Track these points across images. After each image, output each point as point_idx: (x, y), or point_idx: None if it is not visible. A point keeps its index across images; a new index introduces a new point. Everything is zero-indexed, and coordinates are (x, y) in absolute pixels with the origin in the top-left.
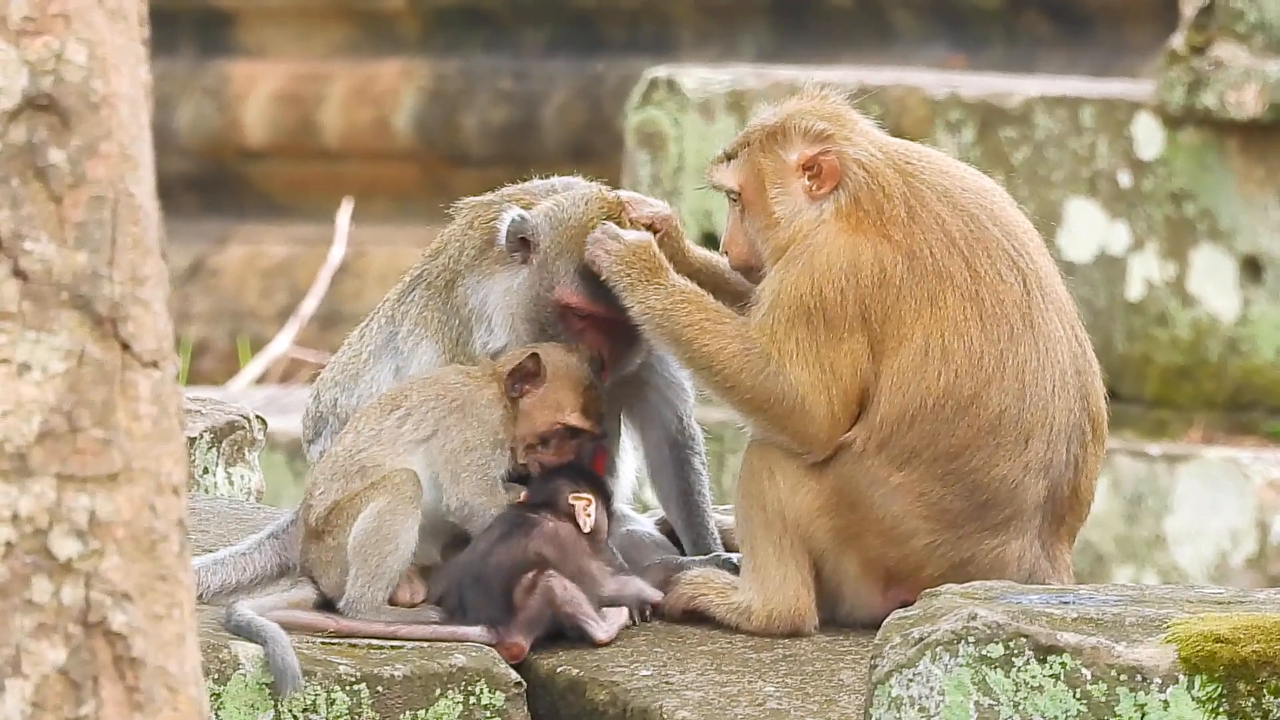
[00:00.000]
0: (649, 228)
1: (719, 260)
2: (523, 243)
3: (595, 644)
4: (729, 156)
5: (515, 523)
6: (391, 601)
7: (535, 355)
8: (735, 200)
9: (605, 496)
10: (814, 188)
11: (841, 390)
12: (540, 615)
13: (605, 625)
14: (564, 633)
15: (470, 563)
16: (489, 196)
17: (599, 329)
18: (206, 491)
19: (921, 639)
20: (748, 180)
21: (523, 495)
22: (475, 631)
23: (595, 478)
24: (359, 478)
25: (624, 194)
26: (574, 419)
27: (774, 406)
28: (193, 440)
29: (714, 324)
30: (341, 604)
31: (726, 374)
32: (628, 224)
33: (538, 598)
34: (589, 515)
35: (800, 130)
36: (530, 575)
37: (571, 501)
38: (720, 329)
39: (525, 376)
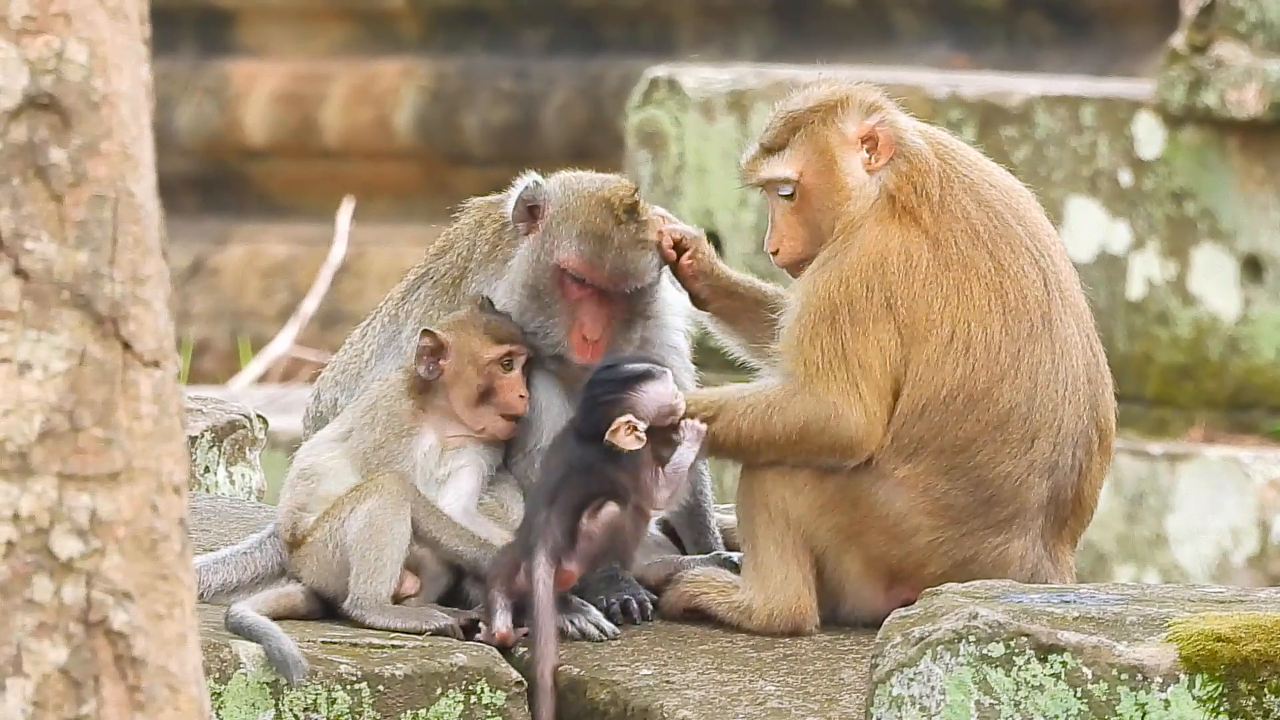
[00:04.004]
0: (677, 245)
1: (755, 280)
2: (530, 212)
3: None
4: (774, 149)
5: (589, 458)
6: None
7: (425, 331)
8: (788, 194)
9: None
10: (872, 160)
11: (873, 384)
12: (600, 548)
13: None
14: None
15: (543, 487)
16: (497, 197)
17: (597, 300)
18: (208, 491)
19: (922, 638)
20: (809, 162)
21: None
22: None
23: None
24: (301, 481)
25: (657, 209)
26: (492, 351)
27: (809, 427)
28: (194, 439)
29: (742, 403)
30: (346, 603)
31: (763, 433)
32: (660, 233)
33: (600, 525)
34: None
35: (856, 103)
36: (599, 501)
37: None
38: (744, 402)
39: (430, 354)
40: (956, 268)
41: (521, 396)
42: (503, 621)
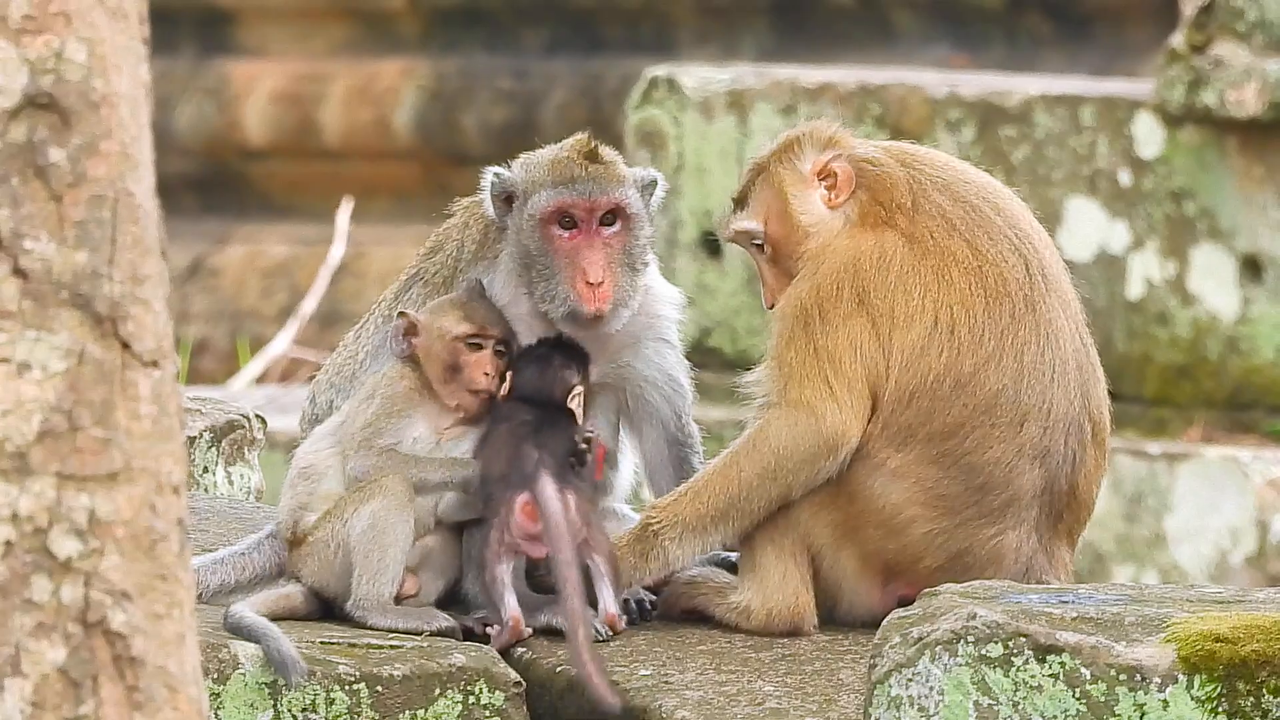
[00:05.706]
0: None
1: None
2: (506, 203)
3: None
4: (740, 201)
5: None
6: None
7: (400, 312)
8: (760, 244)
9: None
10: (832, 197)
11: (843, 377)
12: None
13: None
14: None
15: (517, 438)
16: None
17: (587, 243)
18: (206, 491)
19: (921, 638)
20: (768, 207)
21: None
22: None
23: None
24: (301, 480)
25: None
26: (462, 328)
27: (793, 436)
28: (192, 439)
29: (724, 470)
30: (349, 604)
31: (756, 469)
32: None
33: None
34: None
35: (809, 138)
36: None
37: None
38: (726, 466)
39: (403, 334)
40: (934, 256)
41: (487, 374)
42: (513, 603)
